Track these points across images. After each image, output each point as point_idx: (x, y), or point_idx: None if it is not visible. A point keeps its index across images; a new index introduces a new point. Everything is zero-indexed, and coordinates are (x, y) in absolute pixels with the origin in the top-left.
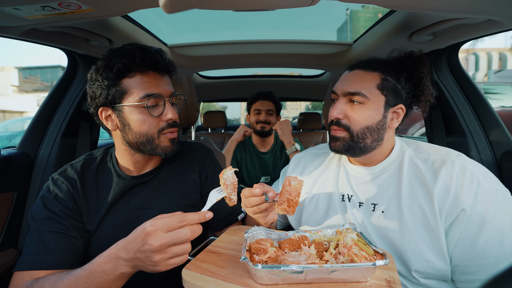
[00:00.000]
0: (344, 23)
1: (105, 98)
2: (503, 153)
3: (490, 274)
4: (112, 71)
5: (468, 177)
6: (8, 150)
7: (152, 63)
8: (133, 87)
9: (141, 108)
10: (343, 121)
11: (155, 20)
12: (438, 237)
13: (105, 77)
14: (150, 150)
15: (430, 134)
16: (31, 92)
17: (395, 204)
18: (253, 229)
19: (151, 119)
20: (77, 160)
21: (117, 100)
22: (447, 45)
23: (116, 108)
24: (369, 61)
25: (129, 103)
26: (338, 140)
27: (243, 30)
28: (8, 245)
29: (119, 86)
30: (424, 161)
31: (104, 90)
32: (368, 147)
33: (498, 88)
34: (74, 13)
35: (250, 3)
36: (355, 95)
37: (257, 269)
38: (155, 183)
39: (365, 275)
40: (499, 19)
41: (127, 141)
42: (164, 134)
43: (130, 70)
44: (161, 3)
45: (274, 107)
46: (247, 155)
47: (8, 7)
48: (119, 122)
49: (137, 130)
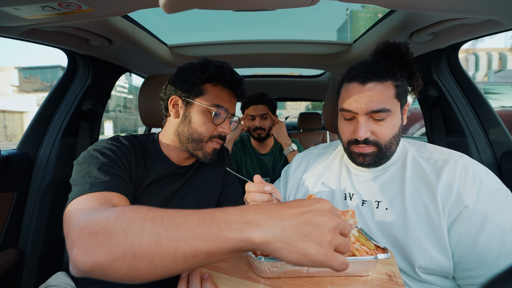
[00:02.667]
0: (344, 23)
1: (184, 90)
2: (503, 153)
3: (491, 270)
4: (204, 74)
5: (471, 176)
6: (8, 150)
7: (235, 84)
8: (211, 93)
9: (208, 112)
10: (370, 137)
11: (155, 20)
12: (441, 233)
13: (195, 75)
14: (194, 149)
15: (430, 134)
16: (31, 92)
17: (398, 201)
18: None
19: (210, 124)
20: (127, 135)
21: (191, 96)
22: (447, 45)
23: (188, 101)
24: (378, 70)
25: (201, 103)
26: (367, 156)
27: (243, 30)
28: (8, 245)
29: (201, 87)
30: (427, 160)
31: (187, 84)
32: (393, 153)
33: (498, 88)
34: (74, 13)
35: (250, 3)
36: (379, 112)
37: (260, 262)
38: (188, 177)
39: (366, 269)
40: (499, 19)
41: (180, 132)
42: (212, 141)
43: (216, 80)
44: (161, 3)
45: (268, 109)
46: (247, 156)
47: (8, 7)
48: (183, 113)
49: (194, 127)
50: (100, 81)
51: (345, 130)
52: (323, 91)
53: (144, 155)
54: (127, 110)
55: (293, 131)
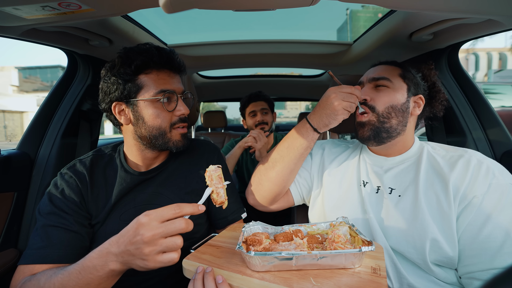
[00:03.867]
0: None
1: (120, 93)
2: (503, 153)
3: (492, 257)
4: (130, 67)
5: (484, 169)
6: (8, 150)
7: (167, 61)
8: (149, 83)
9: (156, 102)
10: (368, 102)
11: (155, 20)
12: (450, 222)
13: (122, 72)
14: (162, 144)
15: (430, 134)
16: (31, 92)
17: (412, 189)
18: (250, 224)
19: (165, 113)
20: (86, 156)
21: (132, 95)
22: (447, 45)
23: (130, 102)
24: (391, 60)
25: (145, 98)
26: (364, 125)
27: (243, 30)
28: (8, 245)
29: (136, 82)
30: (442, 157)
31: (120, 85)
32: (393, 130)
33: (498, 88)
34: (74, 13)
35: (250, 3)
36: (379, 79)
37: (251, 256)
38: (161, 179)
39: (353, 262)
40: (499, 19)
41: (139, 135)
42: (175, 128)
43: (147, 67)
44: (161, 3)
45: (267, 105)
46: (248, 155)
47: (8, 7)
48: (133, 116)
49: (150, 124)
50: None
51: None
52: (323, 91)
53: (106, 175)
54: None
55: None
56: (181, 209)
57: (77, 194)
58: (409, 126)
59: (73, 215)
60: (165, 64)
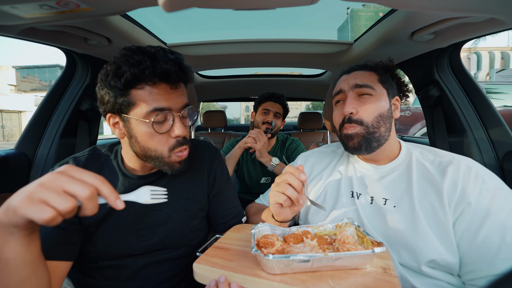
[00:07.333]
0: (344, 22)
1: (112, 106)
2: (505, 153)
3: (490, 263)
4: (120, 80)
5: (474, 175)
6: (6, 150)
7: (163, 75)
8: (141, 99)
9: (148, 123)
10: (354, 117)
11: (155, 19)
12: (448, 230)
13: (113, 85)
14: (157, 165)
15: (432, 134)
16: (29, 91)
17: (407, 199)
18: (258, 226)
19: (159, 135)
20: (81, 154)
21: (124, 110)
22: (449, 44)
23: (123, 117)
24: (364, 64)
25: (136, 116)
26: (353, 138)
27: (243, 29)
28: None
29: (127, 97)
30: (431, 163)
31: (111, 98)
32: (382, 137)
33: (500, 88)
34: (72, 11)
35: (250, 2)
36: (363, 87)
37: (268, 260)
38: (161, 184)
39: (364, 262)
40: (501, 18)
41: (135, 150)
42: (175, 153)
43: (139, 81)
44: (160, 2)
45: (282, 111)
46: (249, 155)
47: (6, 6)
48: (126, 132)
49: (144, 144)
50: None
51: (337, 116)
52: (324, 90)
53: (102, 174)
54: None
55: (293, 131)
56: (101, 185)
57: None
58: (392, 130)
59: None
60: (161, 77)
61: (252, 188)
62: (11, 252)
